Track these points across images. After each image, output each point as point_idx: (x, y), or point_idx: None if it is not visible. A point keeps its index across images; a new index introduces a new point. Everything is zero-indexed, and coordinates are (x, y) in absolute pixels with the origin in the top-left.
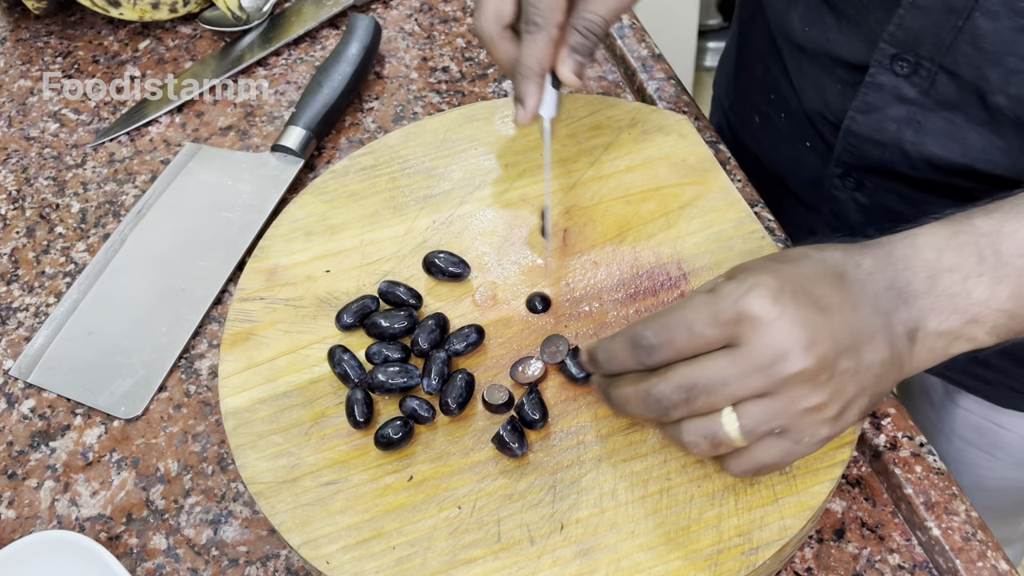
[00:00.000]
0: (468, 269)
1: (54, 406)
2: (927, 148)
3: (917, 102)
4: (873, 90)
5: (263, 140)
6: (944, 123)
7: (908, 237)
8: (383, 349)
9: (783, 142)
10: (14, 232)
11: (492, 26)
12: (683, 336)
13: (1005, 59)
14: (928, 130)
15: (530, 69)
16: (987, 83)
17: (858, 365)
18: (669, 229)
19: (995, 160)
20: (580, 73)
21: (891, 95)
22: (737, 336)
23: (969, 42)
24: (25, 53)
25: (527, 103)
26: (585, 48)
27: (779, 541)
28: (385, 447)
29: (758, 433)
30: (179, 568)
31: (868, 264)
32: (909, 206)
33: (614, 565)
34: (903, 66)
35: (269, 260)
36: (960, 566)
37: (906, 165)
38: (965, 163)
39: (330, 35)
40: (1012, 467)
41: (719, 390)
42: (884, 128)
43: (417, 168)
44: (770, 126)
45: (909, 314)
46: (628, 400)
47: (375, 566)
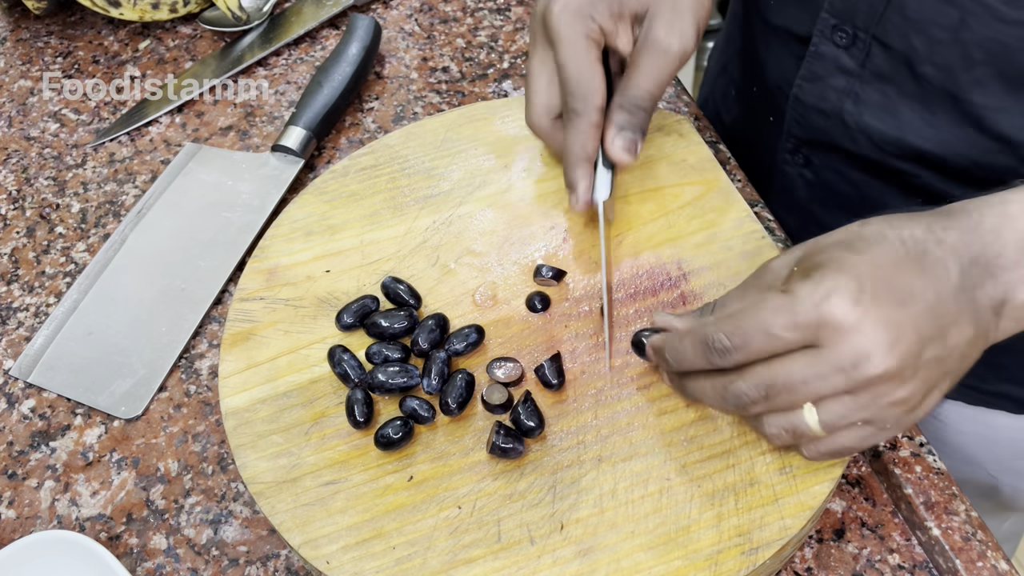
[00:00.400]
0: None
1: (54, 406)
2: (864, 120)
3: (855, 73)
4: (816, 59)
5: (263, 140)
6: (879, 95)
7: (999, 205)
8: (383, 349)
9: (752, 115)
10: (14, 232)
11: (544, 119)
12: (760, 340)
13: (929, 28)
14: (865, 102)
15: (576, 156)
16: (915, 53)
17: (943, 351)
18: (669, 229)
19: (925, 135)
20: (632, 150)
21: (832, 65)
22: (817, 339)
23: (897, 12)
24: (25, 53)
25: (578, 189)
26: (633, 124)
27: (779, 541)
28: (385, 447)
29: (840, 426)
30: (179, 568)
31: (953, 238)
32: (851, 187)
33: (614, 565)
34: (842, 36)
35: (269, 260)
36: (960, 566)
37: (847, 138)
38: (898, 137)
39: (330, 35)
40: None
41: (799, 389)
42: (827, 97)
43: (417, 168)
44: (744, 99)
45: (995, 288)
46: (705, 394)
47: (375, 566)
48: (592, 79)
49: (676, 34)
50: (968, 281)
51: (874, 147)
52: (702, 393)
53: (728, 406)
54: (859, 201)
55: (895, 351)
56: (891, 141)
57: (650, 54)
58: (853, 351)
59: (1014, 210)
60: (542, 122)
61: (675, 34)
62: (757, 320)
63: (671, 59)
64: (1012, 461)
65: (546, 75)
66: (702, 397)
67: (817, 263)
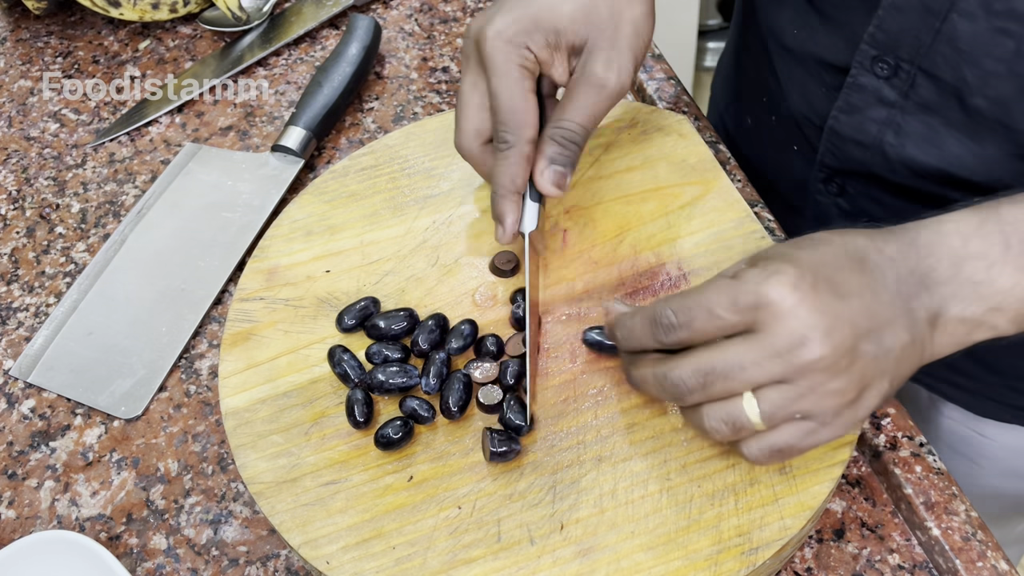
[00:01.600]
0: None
1: (54, 406)
2: (906, 151)
3: (897, 104)
4: (855, 91)
5: (263, 140)
6: (923, 126)
7: (934, 223)
8: (383, 349)
9: (773, 145)
10: (14, 232)
11: (473, 144)
12: (702, 318)
13: (982, 60)
14: (907, 133)
15: (504, 187)
16: (966, 85)
17: (878, 349)
18: (669, 229)
19: (971, 167)
20: (562, 184)
21: (872, 97)
22: (756, 322)
23: (947, 43)
24: (25, 53)
25: (505, 222)
26: (564, 158)
27: (779, 541)
28: (385, 447)
29: (779, 417)
30: (179, 568)
31: (891, 249)
32: (890, 214)
33: (614, 565)
34: (883, 68)
35: (269, 260)
36: (960, 566)
37: (886, 169)
38: (942, 168)
39: (330, 35)
40: (997, 476)
41: (736, 375)
42: (865, 129)
43: (417, 168)
44: (761, 128)
45: (931, 300)
46: (646, 381)
47: (375, 566)
48: (525, 111)
49: (614, 71)
50: (905, 290)
51: (916, 177)
52: (644, 380)
53: (667, 394)
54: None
55: (830, 339)
56: (934, 172)
57: (587, 89)
58: (789, 335)
59: (948, 228)
60: (471, 146)
61: (613, 71)
62: (702, 299)
63: (607, 95)
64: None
65: (477, 99)
66: (644, 384)
67: (763, 255)
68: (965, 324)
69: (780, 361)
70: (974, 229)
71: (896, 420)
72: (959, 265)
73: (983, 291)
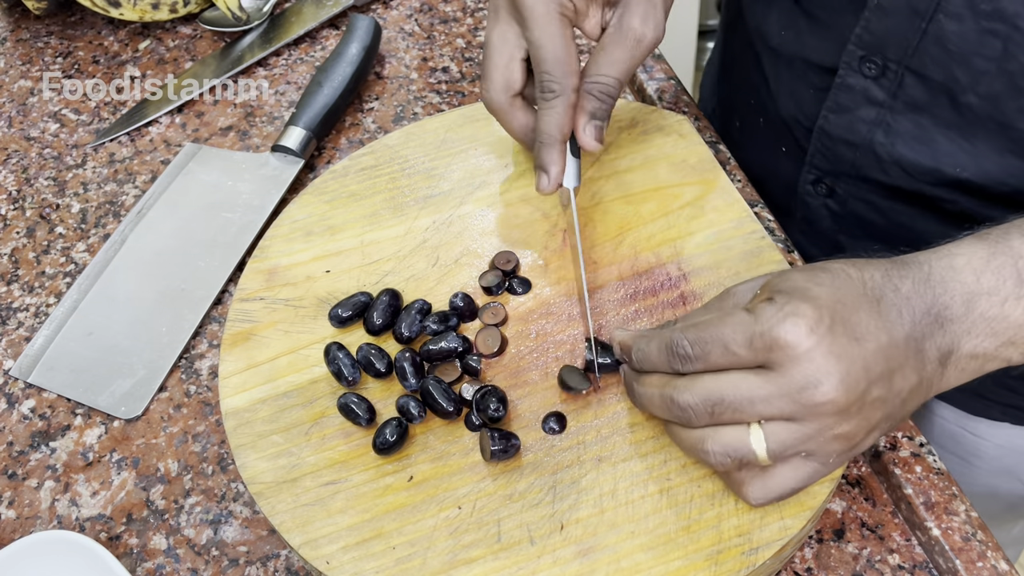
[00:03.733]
0: None
1: (54, 406)
2: (897, 151)
3: (886, 104)
4: (843, 91)
5: (263, 140)
6: (913, 125)
7: (945, 257)
8: (371, 349)
9: (761, 146)
10: (14, 232)
11: (501, 96)
12: (718, 352)
13: (972, 60)
14: (898, 132)
15: (551, 136)
16: (956, 84)
17: (888, 393)
18: (669, 229)
19: (962, 164)
20: (601, 138)
21: (861, 96)
22: (771, 361)
23: (935, 43)
24: (25, 53)
25: (551, 171)
26: (602, 112)
27: (779, 541)
28: (381, 451)
29: (784, 455)
30: (179, 568)
31: (907, 288)
32: (880, 215)
33: (614, 565)
34: (871, 68)
35: (269, 260)
36: (960, 566)
37: (877, 169)
38: (933, 167)
39: (330, 35)
40: (991, 475)
41: (746, 408)
42: (855, 129)
43: (417, 168)
44: (749, 130)
45: (944, 338)
46: (652, 402)
47: (375, 566)
48: (570, 58)
49: (651, 25)
50: (919, 331)
51: (907, 177)
52: (650, 401)
53: (672, 416)
54: (889, 229)
55: (844, 384)
56: (926, 171)
57: (623, 42)
58: (803, 377)
59: (960, 263)
60: (500, 99)
61: (649, 25)
62: (719, 332)
63: (644, 49)
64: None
65: (507, 51)
66: (650, 404)
67: (780, 288)
68: (977, 359)
69: (791, 401)
70: (985, 263)
71: None
72: (972, 302)
73: (996, 327)
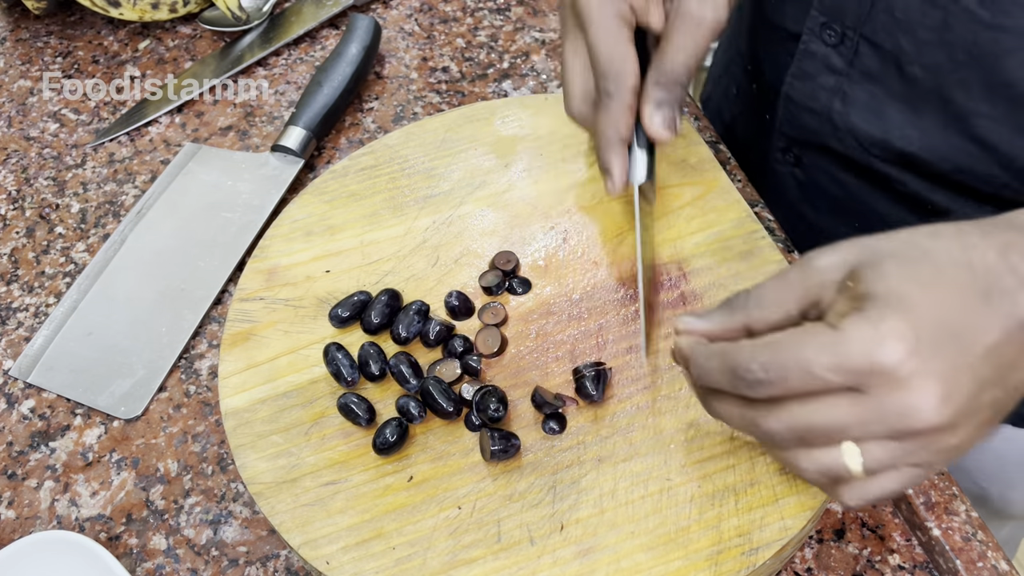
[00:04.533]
0: None
1: (54, 406)
2: (851, 120)
3: (844, 72)
4: (807, 58)
5: (263, 140)
6: (867, 96)
7: None
8: (371, 349)
9: (749, 113)
10: (14, 232)
11: (583, 107)
12: (799, 378)
13: (916, 29)
14: (853, 101)
15: (608, 139)
16: (903, 54)
17: (1003, 393)
18: (669, 229)
19: (910, 137)
20: (672, 126)
21: (821, 64)
22: (863, 385)
23: (884, 11)
24: (25, 53)
25: (613, 172)
26: (671, 100)
27: (779, 541)
28: (381, 451)
29: (883, 470)
30: (179, 568)
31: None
32: (840, 189)
33: (614, 565)
34: (831, 35)
35: (269, 260)
36: (960, 566)
37: (834, 138)
38: (884, 138)
39: (330, 35)
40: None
41: (837, 435)
42: (816, 96)
43: (417, 168)
44: (745, 97)
45: None
46: (732, 419)
47: (375, 566)
48: (625, 59)
49: (709, 5)
50: None
51: (861, 149)
52: (729, 417)
53: (756, 437)
54: (848, 203)
55: (948, 405)
56: (877, 142)
57: (684, 27)
58: (902, 404)
59: None
60: (582, 109)
61: (708, 5)
62: (799, 356)
63: (705, 30)
64: (999, 471)
65: (580, 62)
66: (729, 421)
67: (873, 293)
68: None
69: (887, 426)
70: None
71: None
72: None
73: None
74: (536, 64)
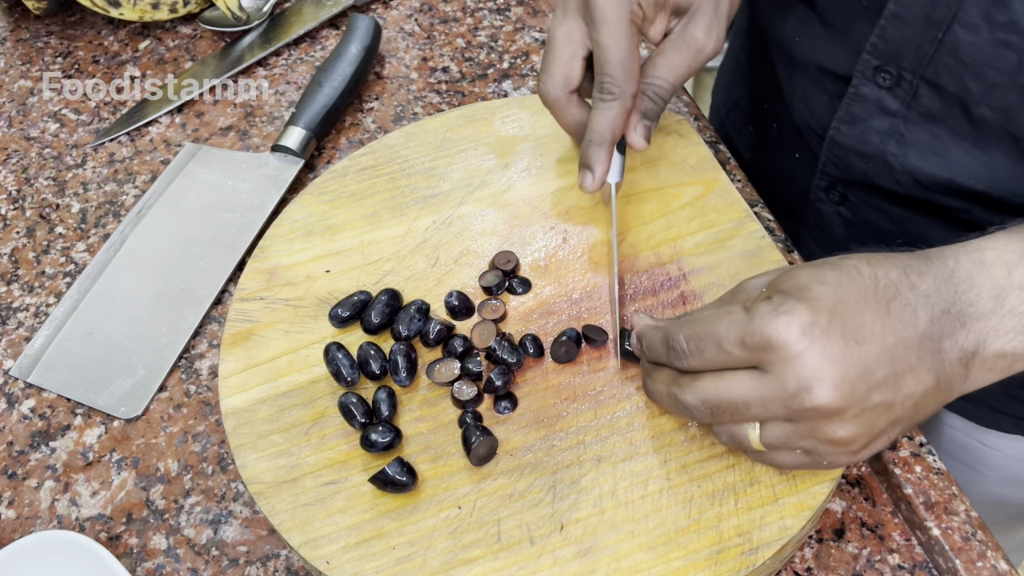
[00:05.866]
0: None
1: (54, 406)
2: (910, 161)
3: (900, 114)
4: (857, 101)
5: (263, 140)
6: (927, 136)
7: (974, 252)
8: (371, 349)
9: (774, 151)
10: (14, 232)
11: (559, 91)
12: (711, 350)
13: (986, 72)
14: (911, 143)
15: (602, 137)
16: (970, 95)
17: (894, 397)
18: (669, 229)
19: (976, 175)
20: (649, 137)
21: (874, 107)
22: (764, 361)
23: (950, 54)
24: (25, 53)
25: (596, 171)
26: (653, 113)
27: (779, 541)
28: (369, 448)
29: (779, 448)
30: (179, 568)
31: (926, 285)
32: (892, 223)
33: (614, 565)
34: (885, 78)
35: (269, 260)
36: (960, 566)
37: (889, 179)
38: (947, 177)
39: (330, 35)
40: (998, 483)
41: (741, 411)
42: (868, 140)
43: (417, 168)
44: (762, 135)
45: (967, 338)
46: (660, 398)
47: (375, 566)
48: (632, 64)
49: (713, 36)
50: (937, 330)
51: (920, 187)
52: (658, 395)
53: (679, 412)
54: (902, 236)
55: (837, 389)
56: (940, 182)
57: (685, 51)
58: (795, 380)
59: (990, 257)
60: (558, 94)
61: (712, 36)
62: (713, 330)
63: (702, 58)
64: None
65: (571, 48)
66: (658, 399)
67: (782, 288)
68: (1006, 358)
69: (782, 404)
70: (1019, 257)
71: None
72: (1002, 297)
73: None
74: (536, 64)
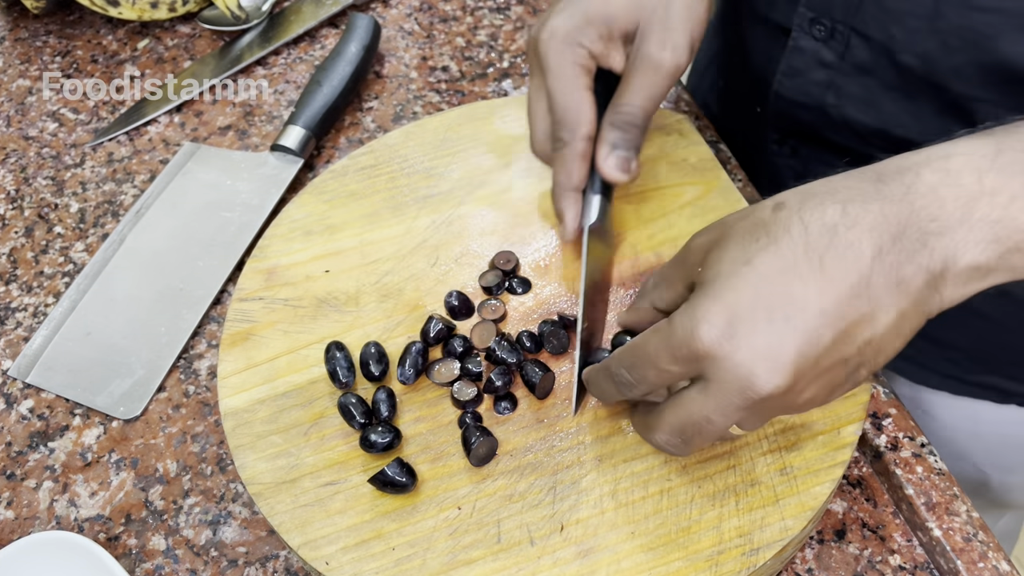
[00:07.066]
0: None
1: (53, 406)
2: (847, 112)
3: (835, 66)
4: (796, 53)
5: (262, 140)
6: (860, 88)
7: (939, 160)
8: (371, 349)
9: (740, 106)
10: (13, 232)
11: (546, 146)
12: (652, 373)
13: (906, 18)
14: (846, 94)
15: (561, 186)
16: (894, 42)
17: (848, 350)
18: (669, 229)
19: (908, 126)
20: (626, 168)
21: (812, 59)
22: (701, 371)
23: (874, 2)
24: (24, 53)
25: (565, 218)
26: (626, 142)
27: (780, 542)
28: (368, 449)
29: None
30: (178, 569)
31: (871, 217)
32: None
33: (614, 566)
34: (820, 30)
35: (268, 260)
36: (961, 567)
37: (830, 129)
38: (881, 128)
39: (330, 34)
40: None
41: (707, 427)
42: (808, 92)
43: (417, 168)
44: (730, 91)
45: (931, 257)
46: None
47: (375, 567)
48: (579, 109)
49: (668, 49)
50: (889, 261)
51: (858, 139)
52: (642, 433)
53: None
54: None
55: (779, 373)
56: (874, 132)
57: (642, 70)
58: (735, 380)
59: (956, 164)
60: (544, 148)
61: (667, 49)
62: (644, 354)
63: (663, 74)
64: (999, 454)
65: (543, 103)
66: (642, 434)
67: (703, 279)
68: (980, 270)
69: (737, 405)
70: (990, 161)
71: (897, 421)
72: (971, 205)
73: (1000, 231)
74: None
